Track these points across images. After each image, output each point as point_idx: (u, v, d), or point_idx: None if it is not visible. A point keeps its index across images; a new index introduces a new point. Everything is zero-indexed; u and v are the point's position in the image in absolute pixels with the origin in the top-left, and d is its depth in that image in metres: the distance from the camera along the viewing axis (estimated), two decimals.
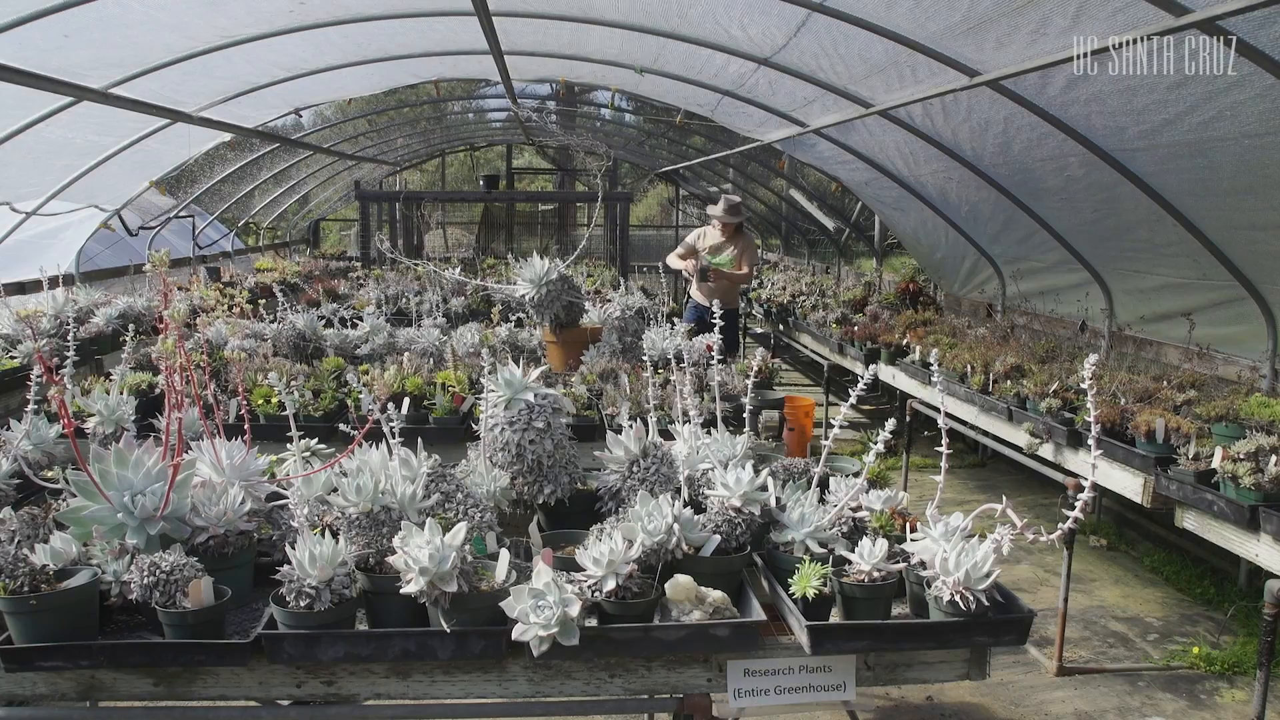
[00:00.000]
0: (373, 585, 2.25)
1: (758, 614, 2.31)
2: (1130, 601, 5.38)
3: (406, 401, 3.94)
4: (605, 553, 2.25)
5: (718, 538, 2.44)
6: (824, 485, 2.80)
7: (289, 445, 2.84)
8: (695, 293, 8.39)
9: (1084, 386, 2.33)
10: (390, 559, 2.20)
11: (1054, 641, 4.58)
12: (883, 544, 2.35)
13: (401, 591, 2.14)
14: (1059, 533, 2.28)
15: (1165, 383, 4.80)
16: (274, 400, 3.98)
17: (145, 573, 2.16)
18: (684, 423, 3.06)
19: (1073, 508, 2.30)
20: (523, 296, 4.66)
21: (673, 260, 8.43)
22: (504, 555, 2.29)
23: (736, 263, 8.04)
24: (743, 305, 12.42)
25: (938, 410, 2.62)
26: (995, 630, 2.27)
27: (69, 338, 3.83)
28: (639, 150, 16.67)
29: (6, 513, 2.53)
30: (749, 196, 15.99)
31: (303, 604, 2.13)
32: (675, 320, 5.83)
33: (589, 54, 7.81)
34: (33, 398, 3.06)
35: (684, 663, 2.31)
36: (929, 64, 5.04)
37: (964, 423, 5.78)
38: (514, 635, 2.12)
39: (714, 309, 3.46)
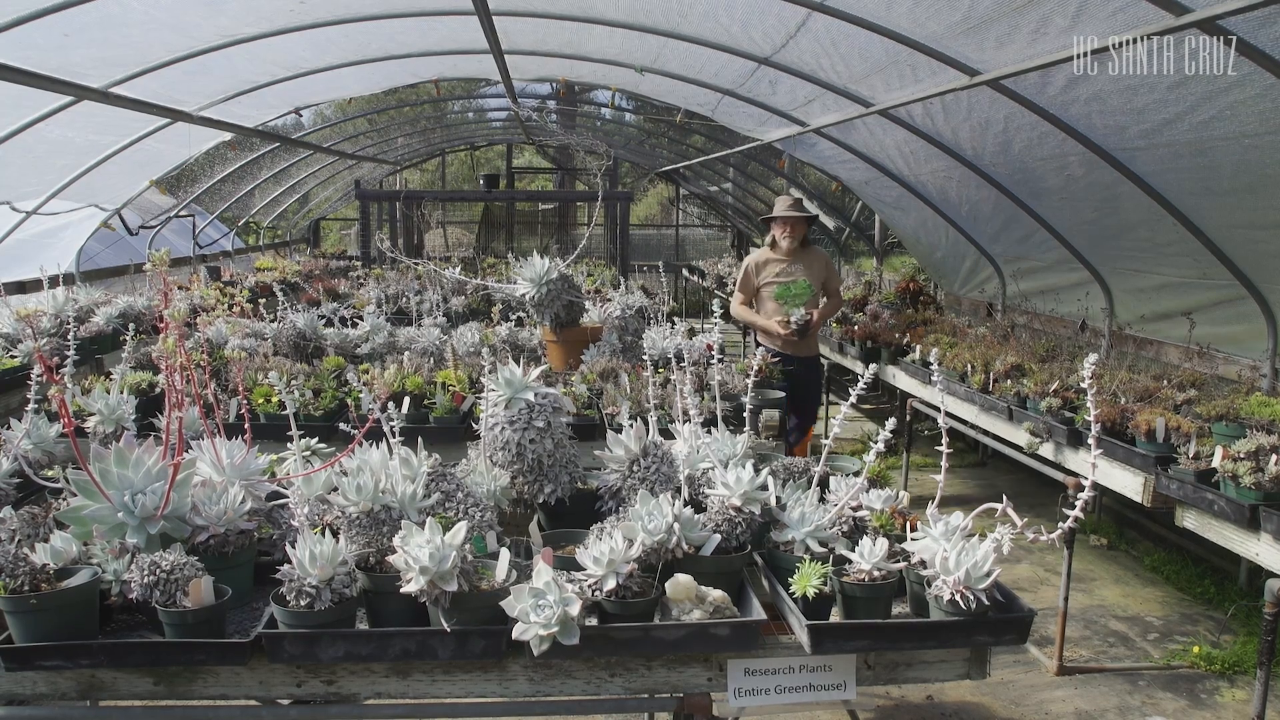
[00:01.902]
0: (373, 584, 2.25)
1: (758, 613, 2.31)
2: (1130, 601, 5.38)
3: (406, 401, 3.94)
4: (605, 552, 2.25)
5: (718, 537, 2.44)
6: (824, 484, 2.80)
7: (289, 444, 2.84)
8: (765, 341, 6.11)
9: (1084, 386, 2.33)
10: (390, 558, 2.20)
11: (1054, 641, 4.58)
12: (883, 543, 2.35)
13: (402, 591, 2.14)
14: (1059, 532, 2.28)
15: (1165, 382, 4.80)
16: (274, 399, 3.98)
17: (145, 572, 2.16)
18: (684, 422, 3.06)
19: (1073, 507, 2.30)
20: (523, 296, 4.67)
21: (742, 312, 6.17)
22: (504, 554, 2.29)
23: (817, 291, 6.08)
24: None
25: (938, 409, 2.61)
26: (995, 629, 2.27)
27: (69, 337, 3.83)
28: (639, 149, 16.68)
29: (7, 512, 2.53)
30: (749, 196, 15.99)
31: (303, 603, 2.13)
32: (675, 320, 5.80)
33: (589, 53, 7.81)
34: (33, 397, 3.06)
35: (684, 662, 2.31)
36: (929, 63, 5.04)
37: (964, 422, 5.78)
38: (514, 634, 2.12)
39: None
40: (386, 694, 2.28)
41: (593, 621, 2.20)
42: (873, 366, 2.89)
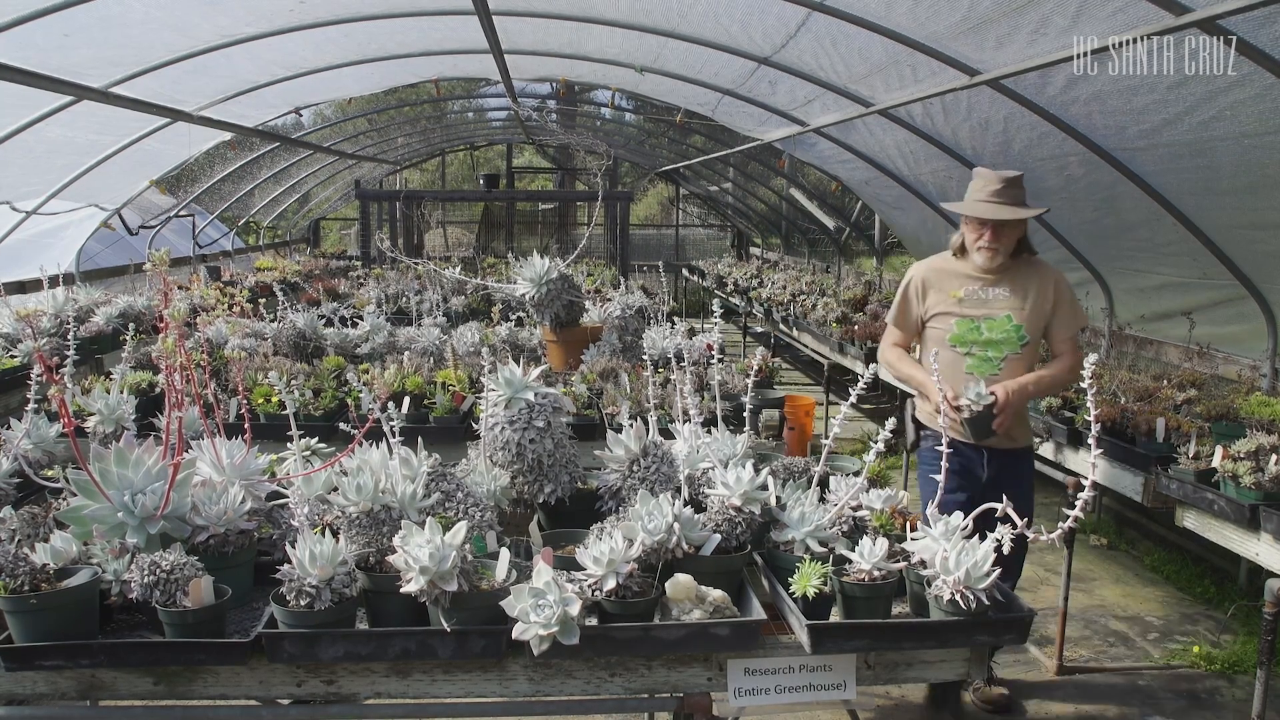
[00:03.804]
0: (373, 584, 2.25)
1: (758, 613, 2.31)
2: (1130, 600, 5.37)
3: (407, 401, 3.94)
4: (605, 552, 2.25)
5: (718, 537, 2.44)
6: (824, 484, 2.80)
7: (289, 444, 2.84)
8: (928, 419, 3.76)
9: (1084, 385, 2.33)
10: (390, 558, 2.20)
11: (1054, 640, 4.57)
12: (883, 543, 2.35)
13: (402, 591, 2.14)
14: (1059, 532, 2.28)
15: (1165, 382, 4.80)
16: (274, 399, 3.98)
17: (145, 572, 2.16)
18: (684, 422, 3.06)
19: (1073, 507, 2.30)
20: (523, 295, 4.67)
21: (892, 358, 3.78)
22: (504, 554, 2.29)
23: (1033, 338, 3.58)
24: (742, 305, 12.21)
25: (938, 410, 2.61)
26: (995, 629, 2.27)
27: (69, 337, 3.83)
28: (639, 149, 16.67)
29: (7, 512, 2.53)
30: (749, 195, 15.99)
31: (303, 603, 2.13)
32: (675, 320, 5.76)
33: (589, 53, 7.81)
34: (33, 397, 3.06)
35: (684, 662, 2.31)
36: (929, 63, 5.04)
37: None
38: (514, 634, 2.12)
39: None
40: (386, 694, 2.28)
41: (593, 621, 2.20)
42: (872, 366, 2.89)
